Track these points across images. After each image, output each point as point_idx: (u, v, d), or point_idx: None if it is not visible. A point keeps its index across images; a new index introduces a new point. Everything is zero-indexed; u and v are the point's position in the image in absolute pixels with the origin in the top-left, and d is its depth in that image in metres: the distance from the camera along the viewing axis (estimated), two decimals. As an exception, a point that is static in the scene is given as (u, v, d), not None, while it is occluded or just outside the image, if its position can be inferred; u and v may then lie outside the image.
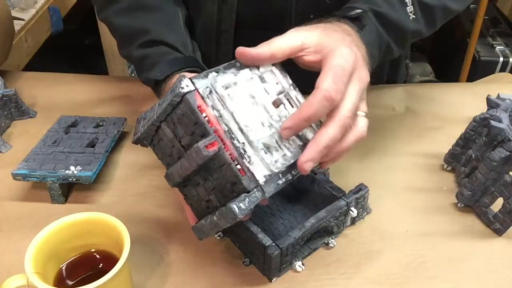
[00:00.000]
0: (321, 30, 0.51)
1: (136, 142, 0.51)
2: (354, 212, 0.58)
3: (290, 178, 0.48)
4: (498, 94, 0.70)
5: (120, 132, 0.72)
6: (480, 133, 0.64)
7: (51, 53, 1.42)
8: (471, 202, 0.62)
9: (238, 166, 0.45)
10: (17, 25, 1.09)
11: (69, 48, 1.79)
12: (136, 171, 0.69)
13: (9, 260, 0.55)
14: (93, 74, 0.92)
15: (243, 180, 0.44)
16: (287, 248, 0.52)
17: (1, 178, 0.66)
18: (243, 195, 0.45)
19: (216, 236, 0.58)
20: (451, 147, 0.68)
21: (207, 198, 0.48)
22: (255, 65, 0.50)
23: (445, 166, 0.69)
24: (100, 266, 0.51)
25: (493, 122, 0.59)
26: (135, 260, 0.50)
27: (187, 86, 0.45)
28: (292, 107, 0.51)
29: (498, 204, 0.59)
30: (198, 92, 0.45)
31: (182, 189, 0.51)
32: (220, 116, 0.45)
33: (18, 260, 0.47)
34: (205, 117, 0.45)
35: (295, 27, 0.51)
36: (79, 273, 0.50)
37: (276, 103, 0.50)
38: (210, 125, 0.45)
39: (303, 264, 0.55)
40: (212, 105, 0.45)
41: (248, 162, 0.45)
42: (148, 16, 0.69)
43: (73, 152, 0.66)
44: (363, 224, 0.61)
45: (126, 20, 0.69)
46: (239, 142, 0.45)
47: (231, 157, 0.45)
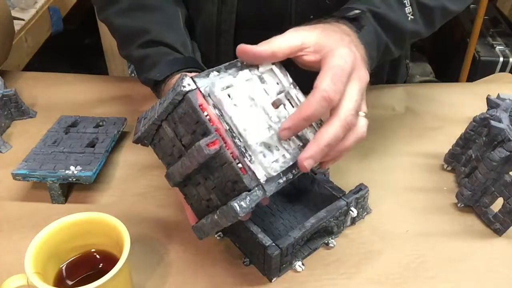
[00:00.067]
0: (320, 30, 0.51)
1: (136, 141, 0.51)
2: (354, 212, 0.58)
3: (291, 177, 0.48)
4: (498, 94, 0.70)
5: (120, 132, 0.72)
6: (480, 133, 0.64)
7: (51, 53, 1.42)
8: (471, 202, 0.62)
9: (239, 165, 0.45)
10: (17, 25, 1.09)
11: (69, 48, 1.79)
12: (136, 171, 0.69)
13: (9, 260, 0.55)
14: (93, 74, 0.92)
15: (244, 179, 0.45)
16: (287, 248, 0.52)
17: (1, 178, 0.66)
18: (244, 193, 0.45)
19: (216, 236, 0.58)
20: (451, 147, 0.68)
21: (208, 197, 0.48)
22: (255, 63, 0.50)
23: (445, 166, 0.69)
24: (100, 266, 0.51)
25: (493, 122, 0.59)
26: (135, 260, 0.50)
27: (189, 85, 0.45)
28: (293, 106, 0.51)
29: (498, 204, 0.59)
30: (200, 91, 0.45)
31: (183, 188, 0.51)
32: (221, 115, 0.46)
33: (18, 260, 0.47)
34: (206, 115, 0.45)
35: (294, 27, 0.51)
36: (79, 273, 0.50)
37: (276, 104, 0.50)
38: (212, 123, 0.45)
39: (303, 264, 0.55)
40: (213, 104, 0.45)
41: (249, 161, 0.45)
42: (148, 17, 0.69)
43: (73, 152, 0.66)
44: (363, 224, 0.61)
45: (126, 20, 0.69)
46: (240, 141, 0.45)
47: (232, 156, 0.45)
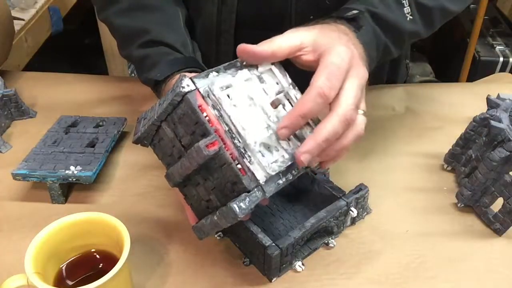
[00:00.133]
0: (318, 30, 0.51)
1: (136, 142, 0.51)
2: (354, 212, 0.58)
3: (291, 178, 0.48)
4: (498, 94, 0.70)
5: (120, 132, 0.72)
6: (480, 133, 0.64)
7: (51, 53, 1.42)
8: (471, 202, 0.62)
9: (239, 166, 0.45)
10: (17, 25, 1.09)
11: (69, 48, 1.79)
12: (136, 171, 0.69)
13: (9, 260, 0.55)
14: (93, 74, 0.92)
15: (243, 180, 0.45)
16: (287, 248, 0.52)
17: (1, 178, 0.66)
18: (243, 194, 0.45)
19: (216, 236, 0.58)
20: (451, 147, 0.68)
21: (207, 197, 0.48)
22: (256, 63, 0.50)
23: (445, 166, 0.69)
24: (100, 266, 0.51)
25: (493, 122, 0.59)
26: (135, 260, 0.50)
27: (188, 85, 0.45)
28: (292, 106, 0.51)
29: (498, 204, 0.59)
30: (199, 91, 0.45)
31: (182, 189, 0.51)
32: (221, 116, 0.46)
33: (18, 260, 0.47)
34: (205, 116, 0.45)
35: (293, 28, 0.51)
36: (79, 273, 0.50)
37: (275, 104, 0.50)
38: (211, 124, 0.45)
39: (303, 264, 0.55)
40: (212, 105, 0.45)
41: (249, 162, 0.45)
42: (148, 16, 0.69)
43: (73, 152, 0.66)
44: (363, 224, 0.61)
45: (126, 20, 0.69)
46: (239, 142, 0.45)
47: (232, 157, 0.45)
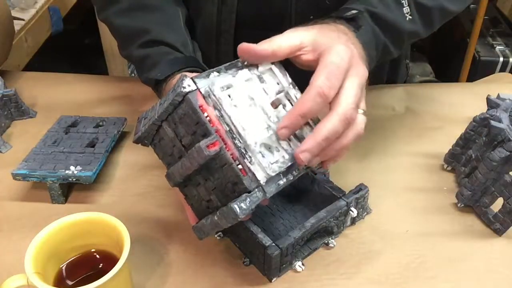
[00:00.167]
0: (318, 30, 0.52)
1: (137, 141, 0.51)
2: (354, 212, 0.58)
3: (291, 178, 0.48)
4: (498, 94, 0.70)
5: (120, 132, 0.72)
6: (480, 133, 0.64)
7: (51, 53, 1.42)
8: (471, 202, 0.62)
9: (240, 166, 0.45)
10: (17, 25, 1.09)
11: (69, 48, 1.79)
12: (136, 171, 0.69)
13: (9, 260, 0.55)
14: (93, 74, 0.92)
15: (244, 180, 0.44)
16: (287, 248, 0.52)
17: (1, 178, 0.66)
18: (244, 195, 0.45)
19: (216, 236, 0.58)
20: (451, 147, 0.68)
21: (208, 198, 0.48)
22: (256, 62, 0.50)
23: (445, 166, 0.69)
24: (100, 266, 0.51)
25: (493, 122, 0.59)
26: (135, 260, 0.50)
27: (189, 85, 0.45)
28: (292, 106, 0.51)
29: (498, 204, 0.59)
30: (200, 91, 0.45)
31: (183, 189, 0.51)
32: (221, 116, 0.45)
33: (18, 260, 0.47)
34: (206, 116, 0.45)
35: (292, 28, 0.52)
36: (79, 273, 0.50)
37: (275, 104, 0.50)
38: (212, 124, 0.45)
39: (303, 264, 0.55)
40: (213, 105, 0.45)
41: (250, 162, 0.45)
42: (148, 16, 0.69)
43: (73, 152, 0.66)
44: (363, 224, 0.61)
45: (126, 20, 0.69)
46: (240, 142, 0.45)
47: (233, 157, 0.45)
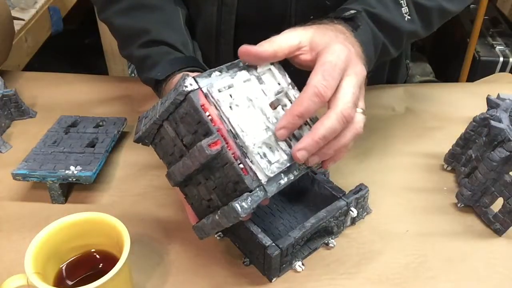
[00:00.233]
0: (315, 29, 0.52)
1: (137, 141, 0.51)
2: (354, 212, 0.58)
3: (292, 178, 0.48)
4: (498, 94, 0.70)
5: (120, 132, 0.72)
6: (480, 133, 0.64)
7: (51, 53, 1.42)
8: (471, 202, 0.62)
9: (241, 165, 0.45)
10: (17, 25, 1.09)
11: (69, 48, 1.78)
12: (136, 171, 0.69)
13: (9, 260, 0.55)
14: (93, 74, 0.92)
15: (245, 179, 0.45)
16: (287, 248, 0.52)
17: (1, 178, 0.66)
18: (245, 194, 0.45)
19: (216, 236, 0.58)
20: (451, 147, 0.68)
21: (209, 197, 0.48)
22: (258, 63, 0.50)
23: (445, 166, 0.69)
24: (100, 266, 0.51)
25: (493, 122, 0.59)
26: (135, 260, 0.50)
27: (191, 84, 0.45)
28: None
29: (498, 204, 0.59)
30: (202, 91, 0.45)
31: (183, 188, 0.51)
32: (221, 117, 0.45)
33: (18, 260, 0.47)
34: (208, 116, 0.45)
35: (290, 28, 0.52)
36: (79, 273, 0.50)
37: (274, 105, 0.50)
38: (213, 124, 0.45)
39: (303, 264, 0.55)
40: (215, 104, 0.45)
41: (251, 162, 0.45)
42: (148, 16, 0.69)
43: (73, 152, 0.66)
44: (363, 224, 0.61)
45: (126, 20, 0.69)
46: (242, 142, 0.45)
47: (234, 156, 0.45)
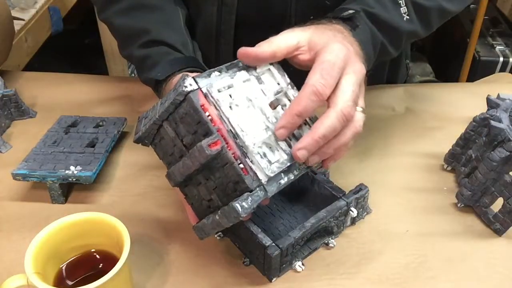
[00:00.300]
0: (313, 29, 0.52)
1: (137, 141, 0.51)
2: (354, 212, 0.58)
3: (292, 177, 0.48)
4: (498, 94, 0.70)
5: (120, 132, 0.72)
6: (480, 133, 0.64)
7: (51, 53, 1.42)
8: (471, 202, 0.62)
9: (241, 165, 0.45)
10: (17, 25, 1.09)
11: (69, 48, 1.78)
12: (136, 171, 0.69)
13: (9, 260, 0.55)
14: (93, 74, 0.92)
15: (245, 179, 0.45)
16: (287, 248, 0.52)
17: (1, 178, 0.66)
18: (245, 194, 0.45)
19: (216, 236, 0.58)
20: (451, 147, 0.68)
21: (209, 197, 0.48)
22: (257, 64, 0.50)
23: (445, 166, 0.69)
24: (100, 266, 0.51)
25: (493, 122, 0.59)
26: (135, 260, 0.50)
27: (191, 85, 0.45)
28: None
29: (498, 204, 0.59)
30: (201, 91, 0.45)
31: (183, 188, 0.51)
32: (220, 117, 0.45)
33: (18, 260, 0.47)
34: (208, 116, 0.45)
35: (288, 28, 0.52)
36: (79, 273, 0.50)
37: (273, 105, 0.50)
38: (213, 124, 0.45)
39: (303, 264, 0.55)
40: (214, 104, 0.45)
41: (251, 162, 0.45)
42: (148, 16, 0.69)
43: (73, 152, 0.66)
44: (363, 224, 0.61)
45: (126, 20, 0.69)
46: (242, 141, 0.45)
47: (234, 156, 0.45)
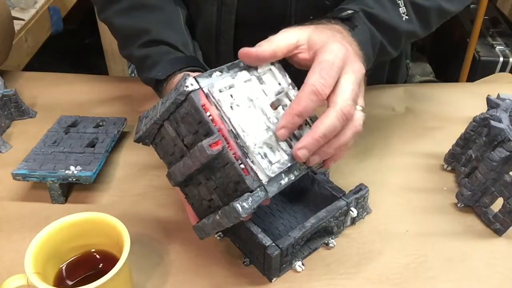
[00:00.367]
0: (312, 29, 0.52)
1: (138, 140, 0.51)
2: (354, 212, 0.58)
3: (293, 178, 0.48)
4: (498, 94, 0.70)
5: (120, 132, 0.72)
6: (480, 133, 0.64)
7: (51, 53, 1.42)
8: (471, 202, 0.62)
9: (242, 166, 0.45)
10: (17, 25, 1.09)
11: (69, 48, 1.78)
12: (136, 171, 0.69)
13: (9, 260, 0.55)
14: (93, 74, 0.92)
15: (246, 180, 0.45)
16: (287, 248, 0.52)
17: (1, 178, 0.66)
18: (246, 194, 0.45)
19: (216, 236, 0.58)
20: (451, 147, 0.68)
21: (209, 197, 0.48)
22: (258, 64, 0.50)
23: (445, 166, 0.69)
24: (100, 266, 0.51)
25: (493, 122, 0.59)
26: (135, 260, 0.50)
27: (192, 84, 0.45)
28: None
29: (498, 204, 0.59)
30: (203, 91, 0.45)
31: (184, 188, 0.51)
32: (222, 117, 0.45)
33: (18, 260, 0.47)
34: (209, 116, 0.45)
35: (287, 28, 0.52)
36: (79, 273, 0.50)
37: (274, 105, 0.50)
38: (214, 124, 0.45)
39: (303, 264, 0.55)
40: (216, 104, 0.45)
41: (252, 162, 0.45)
42: (148, 16, 0.69)
43: (73, 152, 0.66)
44: (363, 224, 0.61)
45: (126, 20, 0.69)
46: (242, 142, 0.45)
47: (235, 157, 0.45)
